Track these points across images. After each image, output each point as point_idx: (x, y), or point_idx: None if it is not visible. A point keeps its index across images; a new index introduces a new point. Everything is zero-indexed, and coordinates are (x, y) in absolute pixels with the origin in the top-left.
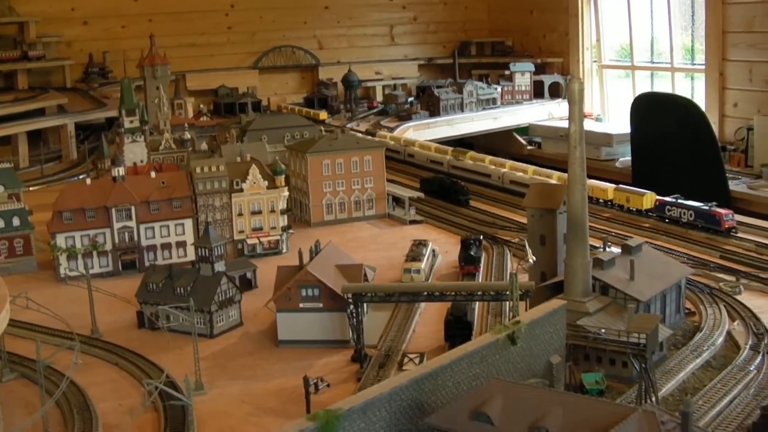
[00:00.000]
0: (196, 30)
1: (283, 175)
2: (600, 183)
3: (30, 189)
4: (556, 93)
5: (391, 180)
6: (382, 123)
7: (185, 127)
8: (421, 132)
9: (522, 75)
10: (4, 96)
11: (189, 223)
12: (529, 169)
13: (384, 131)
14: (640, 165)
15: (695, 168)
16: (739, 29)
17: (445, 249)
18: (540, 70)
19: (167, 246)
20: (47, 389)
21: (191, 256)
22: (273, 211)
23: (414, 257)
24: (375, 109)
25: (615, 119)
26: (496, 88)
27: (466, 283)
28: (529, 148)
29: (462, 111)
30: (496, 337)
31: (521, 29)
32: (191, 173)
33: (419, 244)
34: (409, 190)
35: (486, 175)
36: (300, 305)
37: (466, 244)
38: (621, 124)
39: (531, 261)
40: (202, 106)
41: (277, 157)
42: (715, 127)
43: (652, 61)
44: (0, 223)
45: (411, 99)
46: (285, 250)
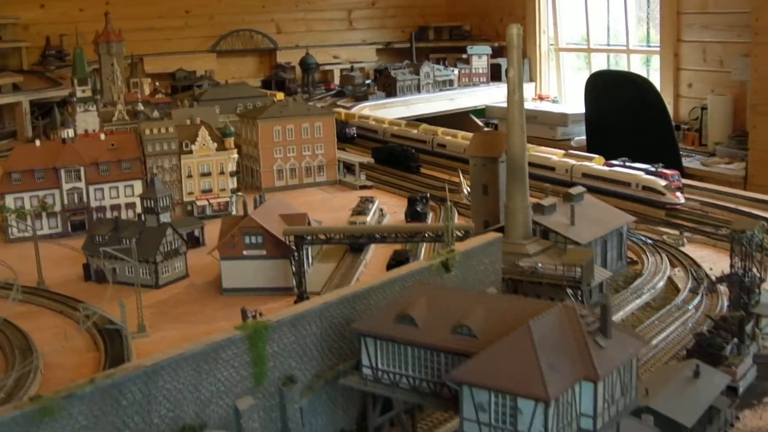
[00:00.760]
0: (153, 13)
1: (233, 138)
2: (549, 149)
3: None
4: None
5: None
6: (338, 104)
7: (139, 101)
8: (377, 112)
9: (479, 58)
10: None
11: (138, 185)
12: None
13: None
14: (594, 143)
15: (649, 145)
16: (693, 10)
17: (393, 210)
18: (497, 53)
19: (116, 207)
20: None
21: None
22: (222, 174)
23: (359, 211)
24: (332, 91)
25: (571, 101)
26: (453, 70)
27: (406, 225)
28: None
29: (419, 92)
30: (429, 263)
31: (479, 14)
32: (141, 135)
33: (366, 200)
34: (360, 156)
35: (442, 146)
36: (244, 252)
37: (412, 201)
38: (577, 104)
39: (465, 191)
40: (157, 84)
41: (228, 122)
42: (670, 108)
43: (608, 44)
44: None
45: (368, 81)
46: (234, 212)
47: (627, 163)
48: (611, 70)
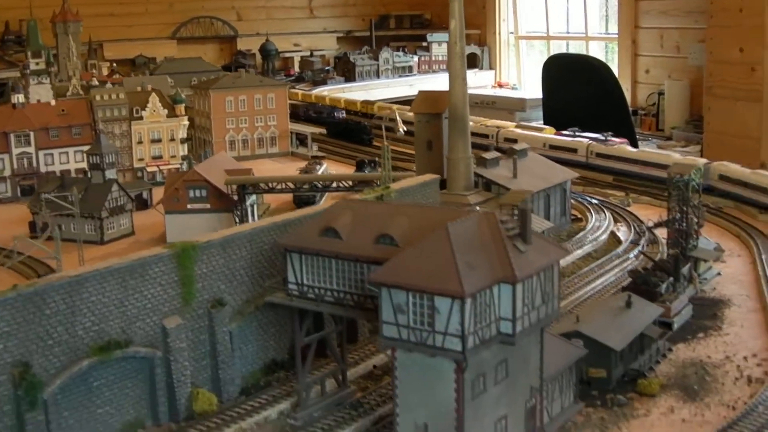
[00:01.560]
0: (114, 0)
1: (184, 104)
2: (501, 122)
3: None
4: (472, 63)
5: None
6: (297, 88)
7: (93, 78)
8: (336, 96)
9: (439, 45)
10: None
11: None
12: None
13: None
14: (552, 126)
15: (605, 127)
16: None
17: None
18: None
19: (66, 172)
20: None
21: None
22: (173, 140)
23: (307, 171)
24: (292, 77)
25: (530, 87)
26: (412, 57)
27: (348, 174)
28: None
29: (378, 77)
30: (364, 198)
31: (439, 2)
32: (91, 101)
33: (314, 162)
34: (312, 127)
35: (392, 120)
36: (188, 206)
37: (360, 164)
38: (535, 90)
39: (401, 131)
40: (115, 65)
41: (179, 89)
42: (628, 94)
43: (567, 32)
44: None
45: (328, 68)
46: None
47: (577, 133)
48: (568, 53)
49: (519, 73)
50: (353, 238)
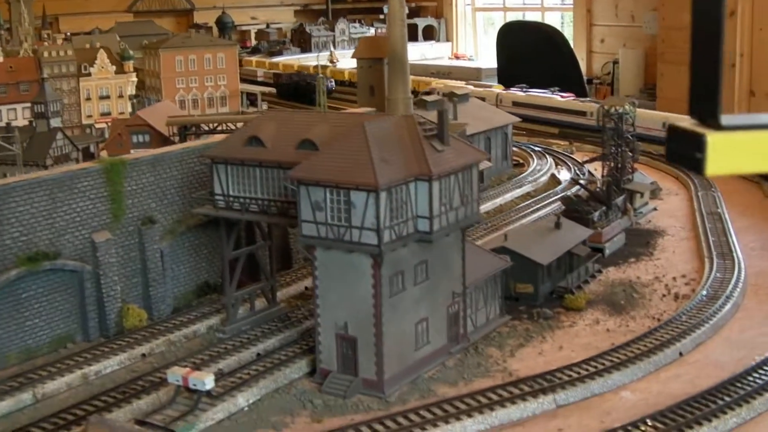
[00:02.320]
0: None
1: (132, 61)
2: (452, 81)
3: None
4: (429, 36)
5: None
6: (252, 59)
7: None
8: (289, 62)
9: None
10: None
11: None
12: None
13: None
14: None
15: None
16: None
17: None
18: (414, 13)
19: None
20: None
21: None
22: (121, 97)
23: None
24: (247, 49)
25: (486, 58)
26: (369, 28)
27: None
28: None
29: (334, 48)
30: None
31: None
32: (39, 58)
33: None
34: (262, 87)
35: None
36: (131, 151)
37: None
38: (491, 60)
39: (336, 62)
40: (68, 32)
41: (127, 47)
42: (583, 64)
43: (523, 3)
44: None
45: (284, 40)
46: None
47: (525, 89)
48: (522, 20)
49: (476, 44)
50: (277, 145)
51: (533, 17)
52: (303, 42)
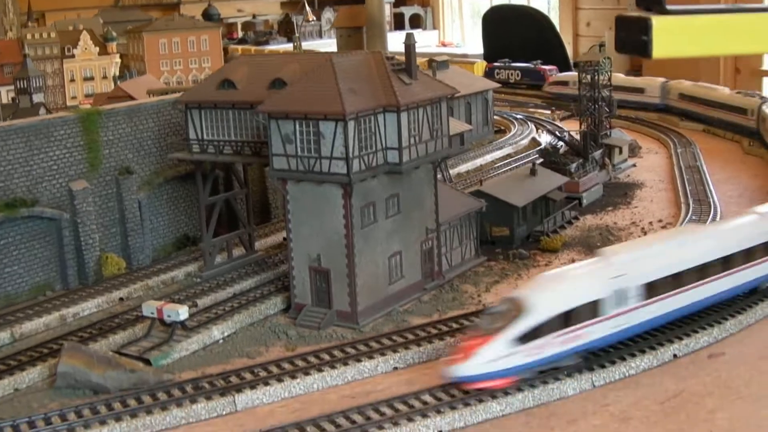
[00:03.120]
0: None
1: (115, 42)
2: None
3: None
4: (416, 24)
5: None
6: (239, 47)
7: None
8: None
9: None
10: None
11: None
12: None
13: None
14: None
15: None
16: None
17: None
18: (401, 2)
19: None
20: None
21: None
22: (105, 78)
23: None
24: (234, 40)
25: (472, 44)
26: None
27: None
28: None
29: (321, 38)
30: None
31: None
32: (23, 40)
33: None
34: None
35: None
36: None
37: None
38: (477, 47)
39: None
40: (55, 23)
41: (111, 28)
42: (570, 48)
43: None
44: None
45: (271, 31)
46: None
47: (507, 63)
48: (507, 4)
49: (462, 31)
50: (249, 87)
51: (520, 2)
52: (289, 32)
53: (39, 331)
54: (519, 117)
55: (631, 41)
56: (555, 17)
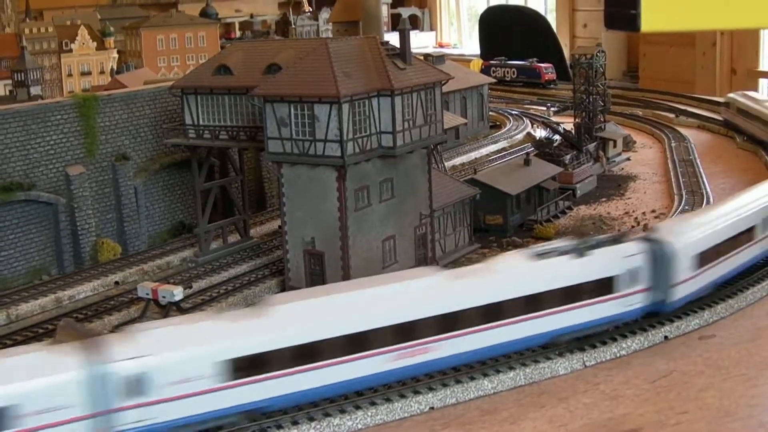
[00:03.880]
0: None
1: (113, 37)
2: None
3: None
4: (414, 25)
5: None
6: None
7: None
8: None
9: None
10: None
11: None
12: None
13: None
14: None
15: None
16: None
17: None
18: (398, 3)
19: None
20: None
21: None
22: (103, 73)
23: None
24: (232, 39)
25: (470, 47)
26: None
27: None
28: None
29: (318, 37)
30: None
31: None
32: (21, 34)
33: None
34: None
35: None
36: None
37: None
38: (475, 48)
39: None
40: (53, 18)
41: (108, 23)
42: (566, 49)
43: None
44: None
45: (268, 30)
46: None
47: (503, 61)
48: (505, 5)
49: (459, 33)
50: (244, 72)
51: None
52: (287, 32)
53: (35, 313)
54: (514, 113)
55: (620, 16)
56: (552, 19)
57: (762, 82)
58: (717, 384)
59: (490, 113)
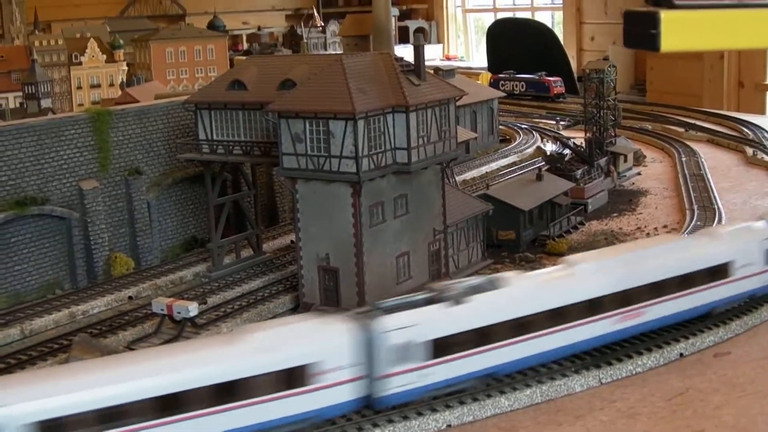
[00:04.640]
0: None
1: (122, 50)
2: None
3: None
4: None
5: None
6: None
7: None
8: None
9: None
10: None
11: None
12: None
13: None
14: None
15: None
16: None
17: None
18: (405, 16)
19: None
20: None
21: None
22: (112, 86)
23: None
24: (239, 52)
25: (477, 58)
26: None
27: None
28: None
29: (326, 50)
30: None
31: None
32: (31, 47)
33: None
34: None
35: None
36: None
37: None
38: (482, 61)
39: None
40: (62, 30)
41: (118, 36)
42: (574, 62)
43: (513, 4)
44: None
45: (275, 43)
46: None
47: (512, 75)
48: (512, 17)
49: (467, 45)
50: (258, 87)
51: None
52: (294, 44)
53: (48, 328)
54: (524, 127)
55: (640, 35)
56: (559, 32)
57: None
58: (733, 402)
59: (499, 126)
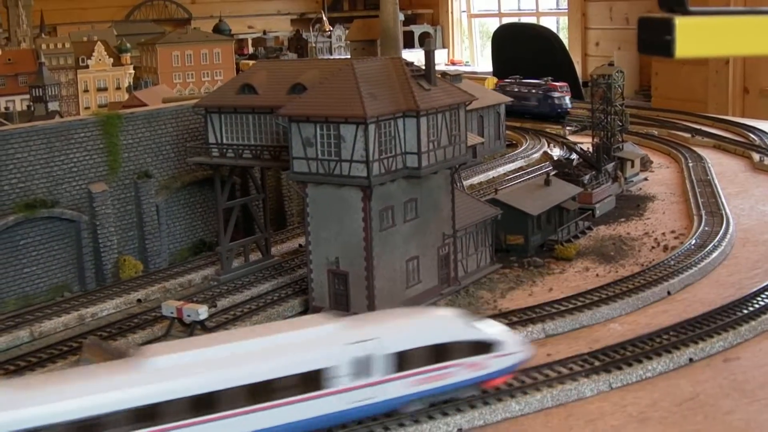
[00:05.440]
0: None
1: (129, 53)
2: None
3: None
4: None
5: None
6: (249, 62)
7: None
8: None
9: None
10: None
11: None
12: None
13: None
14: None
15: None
16: None
17: None
18: (411, 20)
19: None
20: None
21: None
22: (119, 89)
23: None
24: (245, 56)
25: (482, 63)
26: None
27: None
28: None
29: (331, 54)
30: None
31: None
32: (37, 50)
33: None
34: None
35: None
36: None
37: None
38: (486, 66)
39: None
40: (69, 34)
41: (125, 40)
42: (579, 67)
43: (518, 9)
44: None
45: (281, 47)
46: None
47: (518, 80)
48: (517, 22)
49: (472, 50)
50: (268, 91)
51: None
52: (300, 48)
53: (58, 330)
54: (530, 132)
55: (654, 41)
56: (564, 37)
57: None
58: (743, 407)
59: (506, 131)
